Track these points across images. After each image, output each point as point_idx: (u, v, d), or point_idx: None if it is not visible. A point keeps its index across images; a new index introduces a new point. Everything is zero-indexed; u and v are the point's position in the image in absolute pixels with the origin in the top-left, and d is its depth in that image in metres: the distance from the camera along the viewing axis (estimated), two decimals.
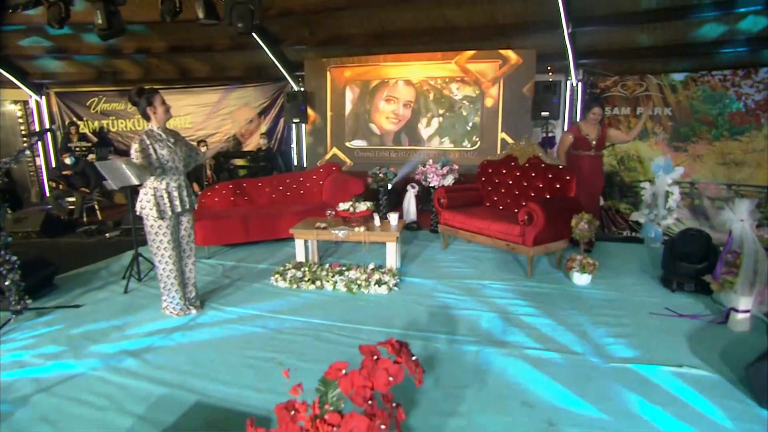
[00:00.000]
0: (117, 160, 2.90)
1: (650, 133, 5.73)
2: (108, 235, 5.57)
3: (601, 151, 4.49)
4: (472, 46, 6.35)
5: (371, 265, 3.91)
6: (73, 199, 6.59)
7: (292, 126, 7.57)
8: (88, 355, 2.64)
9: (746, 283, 2.77)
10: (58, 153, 7.80)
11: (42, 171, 8.37)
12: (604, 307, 3.24)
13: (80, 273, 4.16)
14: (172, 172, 3.05)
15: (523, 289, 3.59)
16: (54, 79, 7.99)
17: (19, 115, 8.27)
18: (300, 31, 6.52)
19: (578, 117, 6.22)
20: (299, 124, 7.38)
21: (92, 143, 7.92)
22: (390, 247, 3.92)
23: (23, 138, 8.07)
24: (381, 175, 5.70)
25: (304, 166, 7.38)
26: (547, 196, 4.26)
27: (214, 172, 7.19)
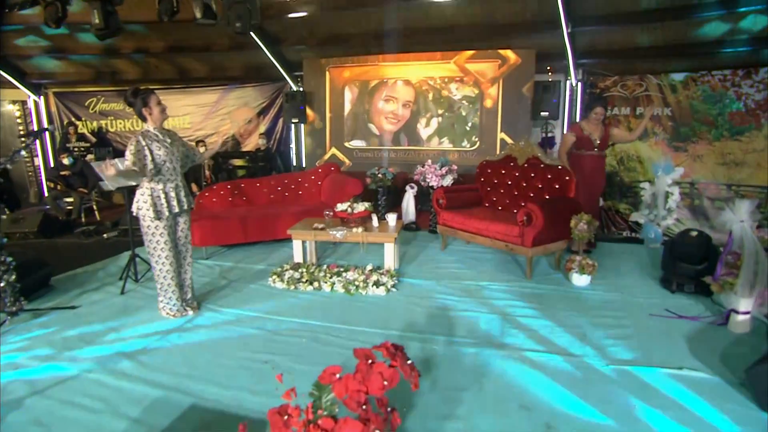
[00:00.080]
0: (106, 169, 2.85)
1: (650, 134, 5.70)
2: (106, 235, 5.54)
3: (605, 151, 4.46)
4: (472, 45, 6.33)
5: (369, 266, 3.90)
6: (71, 200, 6.58)
7: (291, 126, 7.55)
8: (83, 357, 2.62)
9: (746, 284, 2.75)
10: (57, 153, 7.78)
11: (41, 171, 8.35)
12: (604, 308, 3.22)
13: (77, 274, 4.14)
14: (169, 172, 3.02)
15: (522, 290, 3.57)
16: (52, 79, 7.97)
17: (18, 116, 8.25)
18: (299, 31, 6.50)
19: (578, 117, 6.20)
20: (298, 125, 7.36)
21: (91, 143, 7.92)
22: (388, 248, 3.91)
23: (21, 138, 8.06)
24: (380, 176, 5.68)
25: (303, 167, 7.36)
26: (547, 197, 4.24)
27: (213, 172, 7.16)
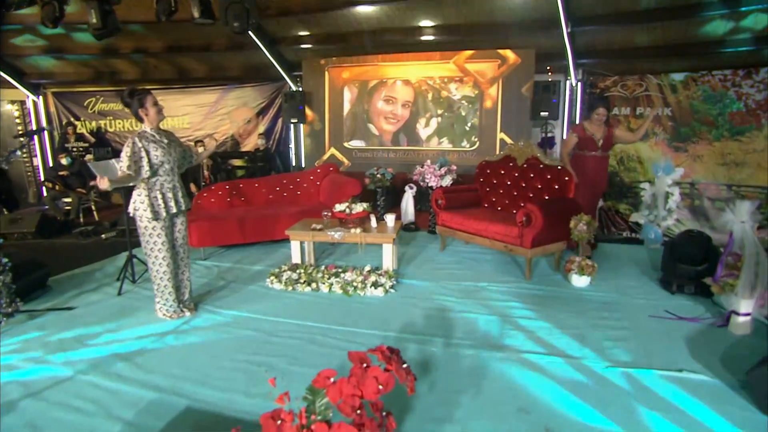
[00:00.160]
0: (101, 183, 2.74)
1: (650, 134, 5.68)
2: (104, 236, 5.52)
3: (608, 152, 4.43)
4: (471, 45, 6.31)
5: (368, 267, 3.87)
6: (69, 200, 6.56)
7: (290, 126, 7.54)
8: (79, 359, 2.60)
9: (747, 285, 2.73)
10: (55, 153, 7.77)
11: (39, 172, 8.34)
12: (603, 309, 3.20)
13: (74, 275, 4.12)
14: (166, 173, 3.01)
15: (522, 291, 3.55)
16: (51, 79, 7.97)
17: (17, 115, 8.25)
18: (298, 31, 6.48)
19: (578, 117, 6.18)
20: (297, 125, 7.35)
21: (90, 143, 7.90)
22: (386, 249, 3.88)
23: (19, 138, 8.04)
24: (378, 176, 5.66)
25: (303, 167, 7.34)
26: (546, 197, 4.22)
27: (212, 172, 7.14)
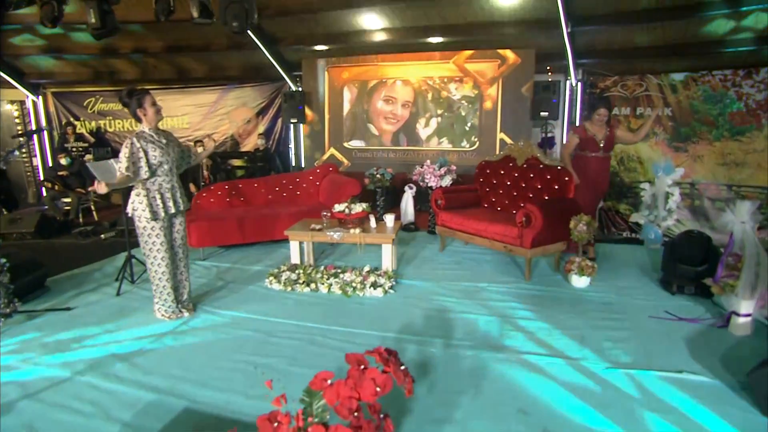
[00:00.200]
0: (99, 188, 2.77)
1: (650, 134, 5.66)
2: (103, 236, 5.51)
3: (610, 153, 4.41)
4: (471, 45, 6.30)
5: (367, 268, 3.87)
6: (69, 200, 6.55)
7: (290, 126, 7.53)
8: (77, 360, 2.59)
9: (748, 286, 2.72)
10: (55, 153, 7.76)
11: (39, 171, 8.33)
12: (603, 310, 3.19)
13: (73, 275, 4.11)
14: (164, 173, 3.00)
15: (521, 292, 3.54)
16: (51, 79, 7.97)
17: (16, 115, 8.24)
18: (297, 31, 6.47)
19: (578, 117, 6.17)
20: (297, 125, 7.34)
21: (89, 143, 7.89)
22: (386, 249, 3.87)
23: (17, 138, 8.04)
24: (378, 176, 5.65)
25: (303, 167, 7.34)
26: (546, 198, 4.21)
27: (211, 172, 7.14)
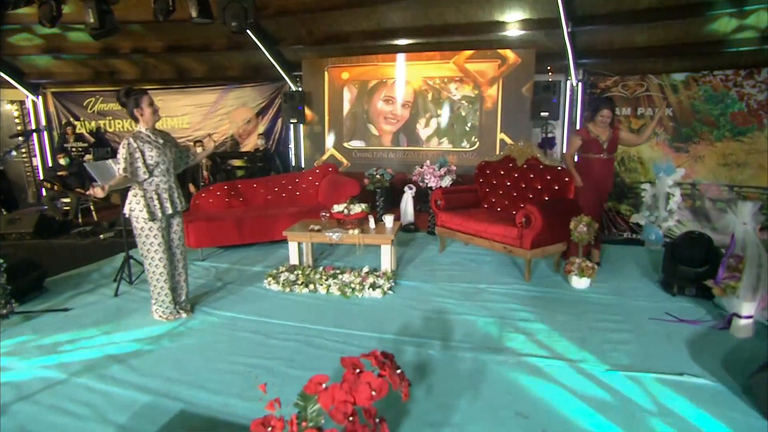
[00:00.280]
0: (94, 192, 2.76)
1: (651, 134, 5.63)
2: (102, 236, 5.51)
3: (613, 154, 4.38)
4: (471, 45, 6.28)
5: (366, 268, 3.85)
6: (68, 200, 6.54)
7: (290, 126, 7.51)
8: (73, 361, 2.57)
9: (749, 288, 2.70)
10: (54, 153, 7.75)
11: (39, 171, 8.33)
12: (603, 311, 3.17)
13: (71, 275, 4.10)
14: (161, 173, 2.98)
15: (521, 293, 3.52)
16: (51, 79, 7.96)
17: (16, 115, 8.23)
18: (297, 31, 6.46)
19: (578, 117, 6.15)
20: (297, 125, 7.32)
21: (89, 143, 7.88)
22: (385, 250, 3.86)
23: (15, 138, 8.04)
24: (378, 176, 5.64)
25: (303, 167, 7.32)
26: (546, 198, 4.20)
27: (211, 172, 7.12)
